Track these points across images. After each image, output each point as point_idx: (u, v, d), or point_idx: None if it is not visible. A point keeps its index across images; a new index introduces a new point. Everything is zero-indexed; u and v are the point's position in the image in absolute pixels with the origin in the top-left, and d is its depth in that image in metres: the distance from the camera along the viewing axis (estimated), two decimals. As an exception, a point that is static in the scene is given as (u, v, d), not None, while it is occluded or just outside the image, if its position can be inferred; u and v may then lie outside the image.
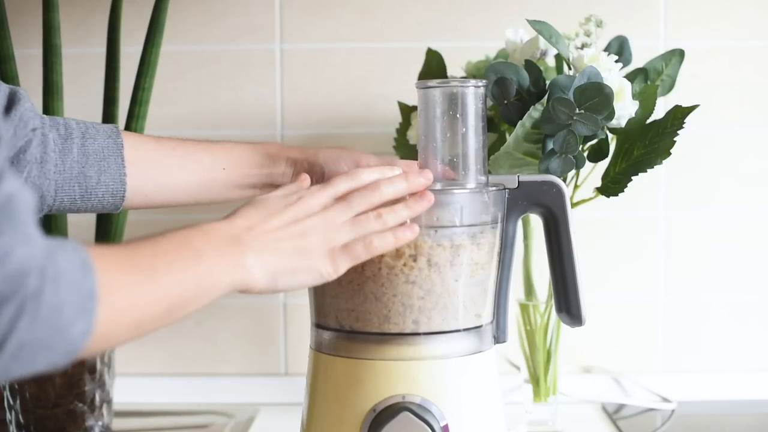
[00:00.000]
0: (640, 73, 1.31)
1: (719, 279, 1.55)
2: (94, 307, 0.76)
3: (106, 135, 1.07)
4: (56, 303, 0.72)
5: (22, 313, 0.70)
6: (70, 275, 0.74)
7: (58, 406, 1.28)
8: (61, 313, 0.73)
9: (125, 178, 1.06)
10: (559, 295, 1.10)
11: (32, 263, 0.70)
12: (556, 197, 1.09)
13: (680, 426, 1.42)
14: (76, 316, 0.74)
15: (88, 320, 0.75)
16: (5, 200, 0.69)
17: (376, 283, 1.02)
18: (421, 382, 1.02)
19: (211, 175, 1.10)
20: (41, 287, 0.71)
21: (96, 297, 0.76)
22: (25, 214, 0.70)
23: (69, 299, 0.73)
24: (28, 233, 0.70)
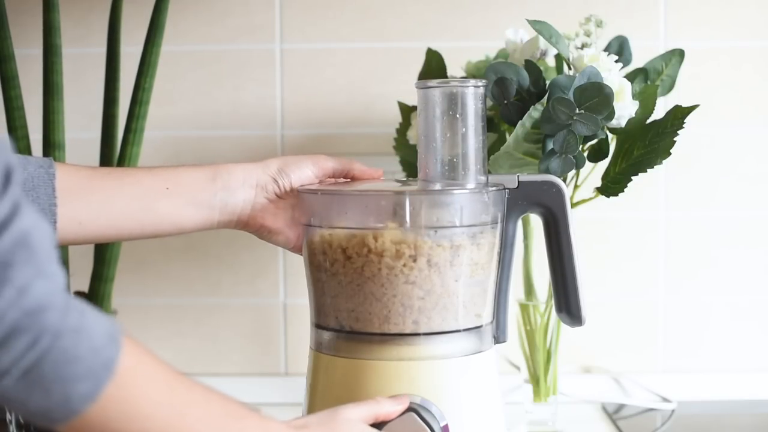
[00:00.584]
0: (640, 73, 1.31)
1: (719, 279, 1.55)
2: (107, 379, 0.73)
3: (37, 165, 1.00)
4: (70, 353, 0.70)
5: (35, 345, 0.69)
6: (93, 335, 0.72)
7: (58, 406, 1.27)
8: (71, 364, 0.71)
9: (55, 208, 0.99)
10: (559, 295, 1.10)
11: (53, 299, 0.69)
12: (556, 197, 1.09)
13: (680, 426, 1.42)
14: (85, 377, 0.72)
15: (95, 388, 0.72)
16: (23, 235, 0.67)
17: (376, 283, 1.03)
18: (421, 382, 1.02)
19: (152, 194, 1.05)
20: (60, 329, 0.70)
21: (112, 371, 0.73)
22: (43, 248, 0.69)
23: (84, 356, 0.71)
24: (47, 269, 0.69)
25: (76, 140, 1.47)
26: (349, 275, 1.03)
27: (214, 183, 1.07)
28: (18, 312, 0.67)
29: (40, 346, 0.69)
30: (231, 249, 1.54)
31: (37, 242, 0.68)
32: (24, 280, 0.67)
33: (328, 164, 1.11)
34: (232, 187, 1.08)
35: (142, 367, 0.76)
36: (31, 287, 0.68)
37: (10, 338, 0.68)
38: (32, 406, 0.72)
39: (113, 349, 0.73)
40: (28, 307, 0.68)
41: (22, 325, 0.68)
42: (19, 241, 0.67)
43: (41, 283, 0.68)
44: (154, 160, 1.50)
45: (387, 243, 1.03)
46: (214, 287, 1.54)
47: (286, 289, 1.55)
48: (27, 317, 0.68)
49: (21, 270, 0.67)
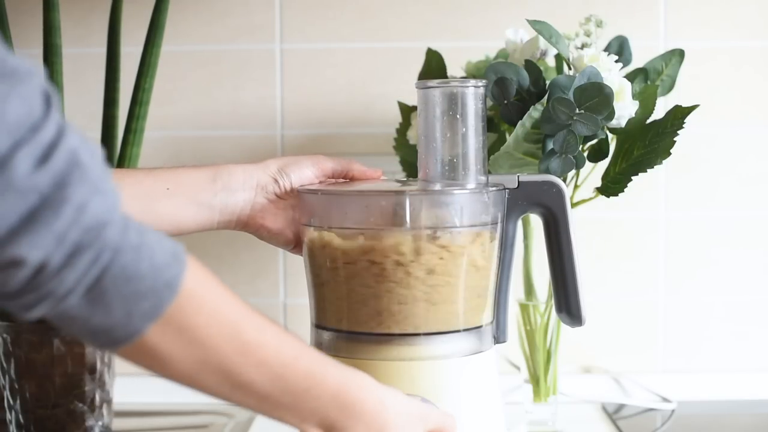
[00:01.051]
0: (640, 73, 1.31)
1: (719, 279, 1.55)
2: (170, 298, 0.72)
3: None
4: (131, 270, 0.70)
5: (96, 262, 0.69)
6: (155, 253, 0.72)
7: (58, 406, 1.28)
8: (133, 281, 0.70)
9: None
10: (559, 295, 1.10)
11: (111, 216, 0.69)
12: (556, 197, 1.09)
13: (680, 426, 1.42)
14: (147, 295, 0.71)
15: (159, 307, 0.72)
16: (73, 154, 0.67)
17: (376, 283, 1.02)
18: (421, 382, 1.02)
19: (153, 194, 1.05)
20: (120, 245, 0.69)
21: (175, 291, 0.73)
22: (95, 166, 0.68)
23: (146, 274, 0.71)
24: (102, 186, 0.69)
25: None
26: (349, 275, 1.03)
27: (214, 183, 1.08)
28: (79, 230, 0.67)
29: (102, 263, 0.69)
30: (231, 249, 1.54)
31: (87, 161, 0.68)
32: (81, 198, 0.67)
33: (327, 165, 1.11)
34: (232, 188, 1.08)
35: (206, 290, 0.75)
36: (88, 205, 0.67)
37: (73, 256, 0.67)
38: (95, 325, 0.71)
39: (177, 268, 0.73)
40: (88, 225, 0.67)
41: (83, 242, 0.67)
42: (70, 160, 0.66)
43: (98, 200, 0.68)
44: (154, 160, 1.50)
45: (387, 243, 1.03)
46: (214, 287, 1.54)
47: (286, 289, 1.55)
48: (87, 234, 0.67)
49: (77, 188, 0.66)
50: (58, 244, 0.66)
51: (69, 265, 0.68)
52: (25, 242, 0.65)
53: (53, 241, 0.66)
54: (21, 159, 0.64)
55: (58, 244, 0.66)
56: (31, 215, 0.65)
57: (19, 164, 0.64)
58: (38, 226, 0.65)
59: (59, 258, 0.67)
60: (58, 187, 0.65)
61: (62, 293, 0.69)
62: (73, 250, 0.67)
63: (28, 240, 0.65)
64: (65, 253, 0.67)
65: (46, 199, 0.65)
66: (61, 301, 0.70)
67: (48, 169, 0.65)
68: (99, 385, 1.30)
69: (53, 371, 1.27)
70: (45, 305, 0.70)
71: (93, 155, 0.69)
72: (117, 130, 1.34)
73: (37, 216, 0.65)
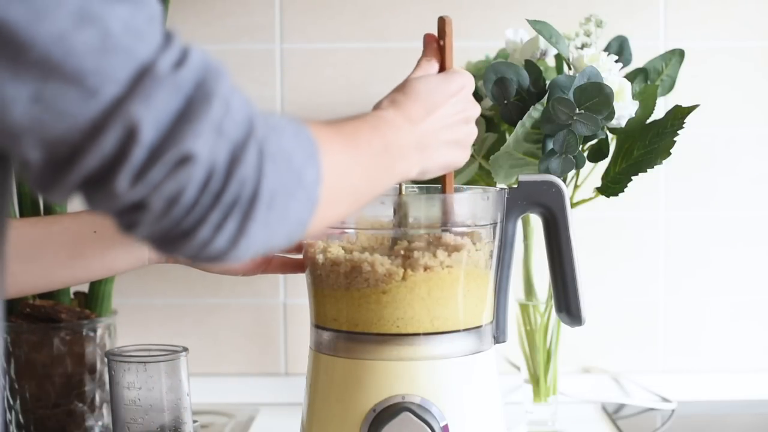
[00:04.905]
0: (640, 73, 1.31)
1: (719, 279, 1.55)
2: (318, 153, 0.75)
3: None
4: (285, 148, 0.72)
5: (263, 156, 0.69)
6: (288, 127, 0.74)
7: (58, 406, 1.28)
8: (292, 157, 0.72)
9: None
10: (558, 295, 1.10)
11: (253, 111, 0.71)
12: (556, 197, 1.09)
13: (680, 426, 1.42)
14: (305, 162, 0.73)
15: (317, 166, 0.74)
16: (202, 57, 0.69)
17: (376, 283, 1.02)
18: (421, 382, 1.02)
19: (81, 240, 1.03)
20: (267, 133, 0.71)
21: (317, 147, 0.75)
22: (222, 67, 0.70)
23: (294, 146, 0.73)
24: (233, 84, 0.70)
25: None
26: (348, 276, 1.03)
27: None
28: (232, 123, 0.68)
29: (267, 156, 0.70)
30: (231, 249, 1.54)
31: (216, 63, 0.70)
32: (225, 93, 0.68)
33: None
34: None
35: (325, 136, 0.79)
36: (232, 99, 0.69)
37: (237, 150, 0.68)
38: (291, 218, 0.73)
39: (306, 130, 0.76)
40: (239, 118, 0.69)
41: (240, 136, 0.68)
42: (204, 62, 0.68)
43: (238, 96, 0.70)
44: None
45: (386, 243, 1.03)
46: (214, 287, 1.54)
47: (286, 289, 1.55)
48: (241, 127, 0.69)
49: (218, 85, 0.68)
50: (219, 136, 0.67)
51: (237, 161, 0.68)
52: (187, 135, 0.66)
53: (213, 132, 0.67)
54: (164, 62, 0.65)
55: (218, 135, 0.67)
56: (185, 109, 0.66)
57: (163, 66, 0.65)
58: (195, 118, 0.66)
59: (224, 152, 0.67)
60: (202, 84, 0.67)
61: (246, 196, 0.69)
62: (234, 144, 0.68)
63: (190, 132, 0.66)
64: (228, 148, 0.68)
65: (194, 95, 0.66)
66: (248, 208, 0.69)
67: (188, 69, 0.66)
68: (99, 385, 1.30)
69: (53, 371, 1.27)
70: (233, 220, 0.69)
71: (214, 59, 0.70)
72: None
73: (191, 109, 0.66)
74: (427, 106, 0.95)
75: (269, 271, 1.13)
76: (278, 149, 0.71)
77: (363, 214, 1.06)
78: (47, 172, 0.65)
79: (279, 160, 0.71)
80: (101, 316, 1.31)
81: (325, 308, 1.06)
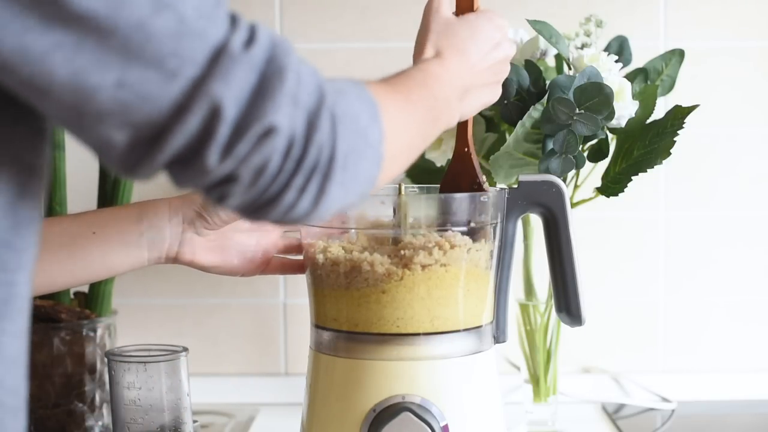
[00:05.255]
0: (640, 73, 1.31)
1: (719, 279, 1.55)
2: (379, 112, 0.78)
3: None
4: (352, 111, 0.75)
5: (335, 120, 0.73)
6: (352, 89, 0.77)
7: (58, 406, 1.28)
8: (359, 119, 0.75)
9: None
10: (559, 295, 1.10)
11: (321, 79, 0.74)
12: (556, 197, 1.09)
13: (680, 426, 1.42)
14: (369, 122, 0.76)
15: (380, 124, 0.78)
16: (269, 34, 0.71)
17: (376, 283, 1.02)
18: (421, 382, 1.02)
19: (80, 241, 1.04)
20: (336, 98, 0.74)
21: (378, 106, 0.78)
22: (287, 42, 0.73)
23: (359, 108, 0.76)
24: (301, 58, 0.73)
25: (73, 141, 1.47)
26: (348, 275, 1.03)
27: (140, 222, 1.06)
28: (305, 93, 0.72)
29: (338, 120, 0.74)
30: (231, 249, 1.54)
31: (282, 39, 0.73)
32: (295, 66, 0.71)
33: None
34: (158, 225, 1.07)
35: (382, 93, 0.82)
36: (301, 71, 0.72)
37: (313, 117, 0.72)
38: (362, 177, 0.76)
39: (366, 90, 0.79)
40: (310, 88, 0.72)
41: (313, 105, 0.72)
42: (271, 38, 0.71)
43: (306, 67, 0.73)
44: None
45: (386, 243, 1.03)
46: (214, 287, 1.54)
47: (286, 289, 1.55)
48: (313, 96, 0.72)
49: (287, 59, 0.71)
50: (295, 106, 0.71)
51: (313, 128, 0.72)
52: (268, 108, 0.69)
53: (290, 103, 0.70)
54: (235, 42, 0.69)
55: (295, 105, 0.70)
56: (261, 85, 0.69)
57: (236, 46, 0.68)
58: (272, 92, 0.69)
59: (301, 121, 0.71)
60: (272, 60, 0.70)
61: (324, 160, 0.72)
62: (309, 112, 0.72)
63: (268, 105, 0.69)
64: (305, 117, 0.71)
65: (267, 70, 0.70)
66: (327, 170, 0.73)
67: (259, 47, 0.70)
68: (99, 385, 1.30)
69: (53, 371, 1.27)
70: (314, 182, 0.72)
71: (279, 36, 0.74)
72: (117, 130, 1.34)
73: (266, 84, 0.69)
74: (470, 53, 0.98)
75: (268, 271, 1.13)
76: (346, 112, 0.74)
77: (363, 213, 1.06)
78: (133, 152, 0.69)
79: (348, 123, 0.74)
80: (101, 316, 1.31)
81: (325, 308, 1.06)
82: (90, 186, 1.34)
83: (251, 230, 1.11)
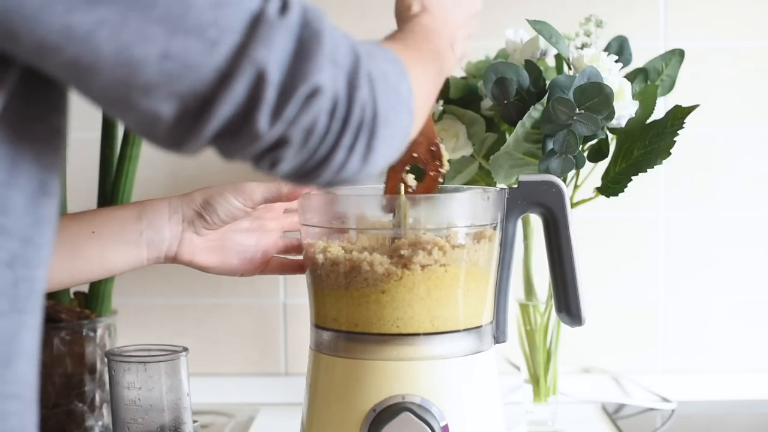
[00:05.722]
0: (640, 73, 1.31)
1: (719, 279, 1.55)
2: (405, 69, 0.81)
3: None
4: (384, 69, 0.77)
5: (372, 79, 0.75)
6: (378, 50, 0.79)
7: (58, 406, 1.28)
8: (390, 77, 0.78)
9: None
10: (559, 295, 1.10)
11: (353, 41, 0.76)
12: (556, 197, 1.09)
13: (680, 426, 1.42)
14: (398, 79, 0.79)
15: (407, 80, 0.80)
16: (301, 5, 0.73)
17: (376, 283, 1.02)
18: (421, 382, 1.02)
19: (79, 240, 1.04)
20: (368, 58, 0.76)
21: (402, 63, 0.81)
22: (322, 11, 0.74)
23: (389, 67, 0.78)
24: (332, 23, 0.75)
25: (76, 140, 1.47)
26: (347, 275, 1.03)
27: (139, 222, 1.06)
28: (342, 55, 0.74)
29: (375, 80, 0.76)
30: (231, 249, 1.54)
31: (311, 5, 0.74)
32: (329, 30, 0.73)
33: (256, 194, 1.07)
34: (157, 225, 1.07)
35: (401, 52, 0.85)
36: (335, 35, 0.74)
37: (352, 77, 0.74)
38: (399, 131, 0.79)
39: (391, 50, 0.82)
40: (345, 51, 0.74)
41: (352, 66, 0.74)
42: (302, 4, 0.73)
43: (338, 32, 0.75)
44: (154, 160, 1.50)
45: (386, 243, 1.03)
46: (214, 287, 1.54)
47: (286, 289, 1.55)
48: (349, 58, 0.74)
49: (321, 23, 0.72)
50: (336, 67, 0.73)
51: (354, 87, 0.74)
52: (312, 70, 0.71)
53: (331, 64, 0.72)
54: (270, 10, 0.70)
55: (335, 66, 0.72)
56: (299, 49, 0.71)
57: (271, 13, 0.70)
58: (313, 54, 0.71)
59: (342, 81, 0.73)
60: (307, 25, 0.72)
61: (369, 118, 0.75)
62: (348, 72, 0.74)
63: (311, 67, 0.71)
64: (345, 77, 0.73)
65: (303, 35, 0.71)
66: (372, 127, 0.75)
67: (293, 13, 0.71)
68: (99, 385, 1.30)
69: (53, 371, 1.27)
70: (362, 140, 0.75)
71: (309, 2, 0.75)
72: (117, 130, 1.34)
73: (305, 48, 0.71)
74: (449, 7, 1.01)
75: (268, 272, 1.13)
76: (379, 71, 0.76)
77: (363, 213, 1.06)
78: (181, 125, 0.70)
79: (383, 81, 0.76)
80: (101, 316, 1.31)
81: (325, 308, 1.06)
82: (90, 186, 1.34)
83: (251, 230, 1.11)
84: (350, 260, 1.03)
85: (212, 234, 1.09)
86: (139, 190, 1.35)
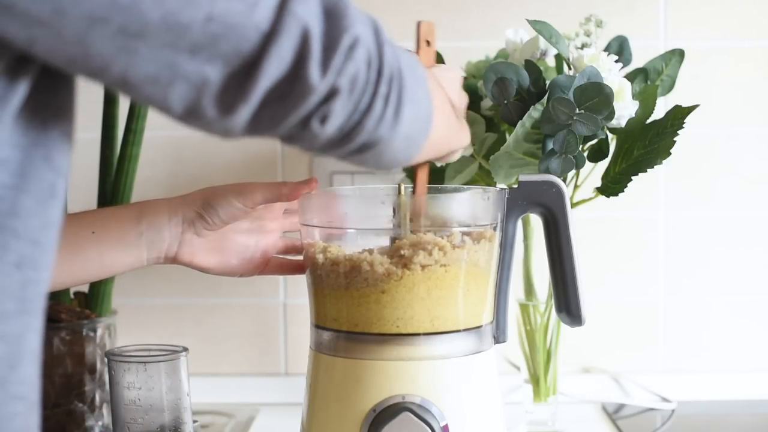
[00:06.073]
0: (640, 73, 1.31)
1: (719, 279, 1.55)
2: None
3: None
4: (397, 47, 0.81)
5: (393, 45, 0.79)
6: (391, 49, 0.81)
7: (58, 406, 1.28)
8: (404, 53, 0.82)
9: None
10: (559, 295, 1.10)
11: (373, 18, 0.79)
12: (556, 197, 1.09)
13: (680, 426, 1.42)
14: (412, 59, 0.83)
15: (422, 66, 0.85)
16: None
17: (376, 283, 1.02)
18: (421, 382, 1.02)
19: (79, 240, 1.04)
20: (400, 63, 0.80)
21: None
22: None
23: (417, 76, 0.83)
24: None
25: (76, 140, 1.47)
26: (347, 275, 1.03)
27: (139, 223, 1.06)
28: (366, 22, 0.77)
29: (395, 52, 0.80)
30: (231, 249, 1.54)
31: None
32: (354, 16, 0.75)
33: (256, 195, 1.06)
34: (157, 225, 1.07)
35: None
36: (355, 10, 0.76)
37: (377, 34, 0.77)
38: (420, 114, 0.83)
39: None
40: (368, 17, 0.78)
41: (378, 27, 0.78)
42: None
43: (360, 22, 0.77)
44: (154, 160, 1.50)
45: (386, 243, 1.03)
46: (214, 287, 1.54)
47: (286, 289, 1.55)
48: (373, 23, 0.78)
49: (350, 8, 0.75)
50: (363, 24, 0.76)
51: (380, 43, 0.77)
52: (349, 22, 0.74)
53: (359, 21, 0.75)
54: None
55: (363, 23, 0.76)
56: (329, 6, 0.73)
57: None
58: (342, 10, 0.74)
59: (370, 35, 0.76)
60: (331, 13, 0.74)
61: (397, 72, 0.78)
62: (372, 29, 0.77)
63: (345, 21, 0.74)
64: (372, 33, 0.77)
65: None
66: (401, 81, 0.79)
67: None
68: (99, 385, 1.30)
69: (53, 371, 1.27)
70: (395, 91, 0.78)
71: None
72: (117, 130, 1.34)
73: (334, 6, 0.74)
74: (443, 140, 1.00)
75: (267, 272, 1.13)
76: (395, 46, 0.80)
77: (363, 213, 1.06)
78: (230, 88, 0.71)
79: (401, 51, 0.81)
80: (101, 316, 1.31)
81: (325, 308, 1.06)
82: (90, 186, 1.34)
83: (250, 231, 1.11)
84: (350, 260, 1.03)
85: (212, 234, 1.09)
86: (139, 190, 1.35)
